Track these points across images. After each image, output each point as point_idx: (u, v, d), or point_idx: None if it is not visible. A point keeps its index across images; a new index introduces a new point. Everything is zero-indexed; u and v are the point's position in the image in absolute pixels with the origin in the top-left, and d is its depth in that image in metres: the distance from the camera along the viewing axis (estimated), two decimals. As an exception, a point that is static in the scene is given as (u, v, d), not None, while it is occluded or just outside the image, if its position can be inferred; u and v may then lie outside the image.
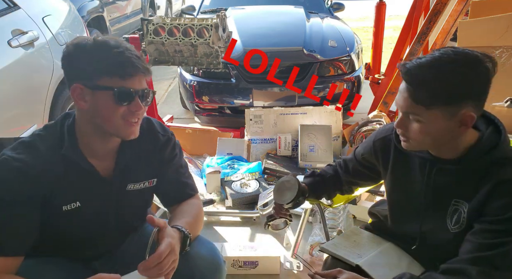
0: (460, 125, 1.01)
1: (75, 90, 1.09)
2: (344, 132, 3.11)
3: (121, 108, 1.09)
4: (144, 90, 1.12)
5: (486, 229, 1.02)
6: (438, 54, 1.01)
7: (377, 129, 1.33)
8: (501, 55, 2.27)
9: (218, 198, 2.60)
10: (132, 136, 1.15)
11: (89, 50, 1.07)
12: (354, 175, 1.43)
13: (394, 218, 1.32)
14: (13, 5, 2.44)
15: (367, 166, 1.37)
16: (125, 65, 1.06)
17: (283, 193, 1.28)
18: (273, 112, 3.10)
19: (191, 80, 3.42)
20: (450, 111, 0.99)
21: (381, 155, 1.28)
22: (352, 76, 3.45)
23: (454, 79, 0.97)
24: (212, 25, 2.35)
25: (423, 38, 2.75)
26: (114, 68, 1.06)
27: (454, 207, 1.11)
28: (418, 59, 1.03)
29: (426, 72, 0.99)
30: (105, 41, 1.09)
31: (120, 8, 5.91)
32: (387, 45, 5.21)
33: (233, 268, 1.99)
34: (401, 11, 7.00)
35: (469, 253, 1.03)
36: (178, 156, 1.35)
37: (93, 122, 1.12)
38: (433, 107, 0.99)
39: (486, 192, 1.03)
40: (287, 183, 1.30)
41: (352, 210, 2.37)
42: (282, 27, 3.83)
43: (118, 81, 1.06)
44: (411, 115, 1.04)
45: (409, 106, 1.03)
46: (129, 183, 1.25)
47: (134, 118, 1.12)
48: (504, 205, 1.00)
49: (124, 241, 1.35)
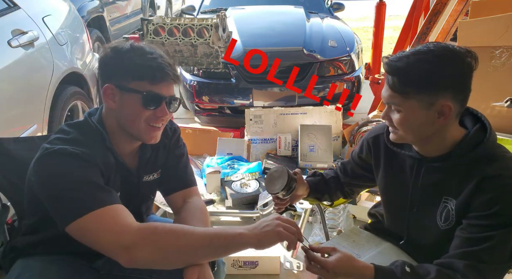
0: (439, 116, 1.03)
1: (106, 90, 1.13)
2: (344, 132, 3.11)
3: (147, 111, 1.12)
4: (172, 97, 1.16)
5: (473, 224, 1.04)
6: (419, 47, 1.05)
7: (371, 128, 1.35)
8: (501, 55, 2.27)
9: (218, 198, 2.60)
10: (153, 141, 1.18)
11: (124, 53, 1.11)
12: (352, 176, 1.44)
13: (388, 217, 1.34)
14: (13, 5, 2.43)
15: (363, 166, 1.39)
16: (156, 70, 1.10)
17: (273, 183, 1.29)
18: (273, 112, 3.10)
19: (191, 80, 3.43)
20: (427, 101, 1.02)
21: (373, 152, 1.31)
22: (352, 76, 3.45)
23: (427, 67, 1.00)
24: (212, 25, 2.35)
25: (423, 38, 2.75)
26: (146, 73, 1.10)
27: (444, 204, 1.13)
28: (401, 52, 1.06)
29: (403, 61, 1.03)
30: (140, 47, 1.13)
31: (120, 8, 5.91)
32: (387, 45, 5.21)
33: (233, 268, 1.99)
34: (401, 11, 7.00)
35: (457, 248, 1.05)
36: (181, 146, 1.38)
37: (119, 122, 1.16)
38: (410, 95, 1.02)
39: (471, 188, 1.05)
40: (275, 173, 1.31)
41: (352, 210, 2.37)
42: (282, 27, 3.83)
43: (147, 85, 1.10)
44: (392, 105, 1.08)
45: (389, 96, 1.07)
46: (145, 175, 1.29)
47: (158, 123, 1.16)
48: (488, 200, 1.01)
49: None
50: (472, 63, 1.02)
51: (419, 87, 1.01)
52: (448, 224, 1.11)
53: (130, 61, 1.10)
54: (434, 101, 1.02)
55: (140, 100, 1.10)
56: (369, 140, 1.32)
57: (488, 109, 2.27)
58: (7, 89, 2.14)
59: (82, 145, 1.10)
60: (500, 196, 1.01)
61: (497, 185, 1.01)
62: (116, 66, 1.12)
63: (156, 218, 1.48)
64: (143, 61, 1.10)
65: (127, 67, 1.10)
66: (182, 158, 1.38)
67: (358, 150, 1.39)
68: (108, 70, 1.14)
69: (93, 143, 1.13)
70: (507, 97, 2.23)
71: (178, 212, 1.33)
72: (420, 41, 2.76)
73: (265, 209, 2.40)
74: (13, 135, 2.04)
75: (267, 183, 1.33)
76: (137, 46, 1.13)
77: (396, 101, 1.05)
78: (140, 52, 1.12)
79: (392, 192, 1.27)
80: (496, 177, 1.02)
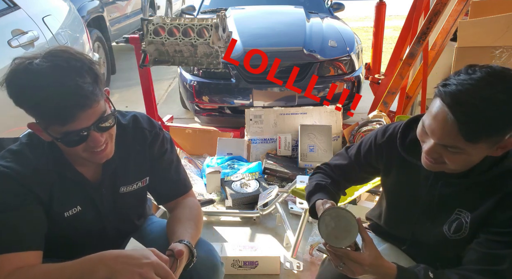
0: (497, 149, 0.95)
1: (32, 127, 1.04)
2: (344, 132, 3.10)
3: (78, 147, 1.03)
4: (97, 121, 1.01)
5: (493, 240, 1.01)
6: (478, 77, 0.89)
7: (377, 130, 1.27)
8: (501, 55, 2.27)
9: (218, 198, 2.60)
10: (104, 159, 1.10)
11: (21, 93, 0.96)
12: (355, 181, 1.36)
13: (389, 219, 1.31)
14: (13, 5, 2.44)
15: (368, 170, 1.31)
16: (59, 113, 0.94)
17: (338, 233, 1.03)
18: (273, 112, 3.10)
19: (191, 80, 3.42)
20: (494, 141, 0.92)
21: (385, 157, 1.23)
22: (352, 76, 3.45)
23: (506, 108, 0.87)
24: (212, 25, 2.35)
25: (423, 38, 2.75)
26: (50, 120, 0.97)
27: (456, 216, 1.10)
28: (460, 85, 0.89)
29: (477, 104, 0.86)
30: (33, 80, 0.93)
31: (120, 8, 5.91)
32: (387, 45, 5.21)
33: (233, 268, 1.99)
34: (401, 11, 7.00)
35: (476, 263, 1.02)
36: (168, 151, 1.30)
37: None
38: (480, 141, 0.90)
39: (493, 203, 1.01)
40: (343, 220, 1.04)
41: (352, 210, 2.36)
42: (282, 27, 3.83)
43: (60, 128, 0.97)
44: (450, 148, 0.94)
45: (453, 140, 0.92)
46: (121, 186, 1.24)
47: (98, 148, 1.05)
48: (511, 218, 0.99)
49: (123, 243, 1.35)
50: None
51: (496, 132, 0.90)
52: (459, 235, 1.08)
53: (30, 105, 0.96)
54: (502, 139, 0.92)
55: (63, 143, 1.01)
56: (382, 145, 1.22)
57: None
58: (7, 89, 2.14)
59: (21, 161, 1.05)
60: None
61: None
62: (23, 105, 0.97)
63: (155, 219, 1.48)
64: (40, 106, 0.94)
65: (32, 112, 0.98)
66: (171, 164, 1.31)
67: (365, 153, 1.27)
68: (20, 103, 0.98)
69: (35, 159, 1.07)
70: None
71: (171, 211, 1.33)
72: (420, 41, 2.76)
73: (265, 209, 2.40)
74: (13, 135, 2.03)
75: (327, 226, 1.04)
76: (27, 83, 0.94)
77: (460, 145, 0.92)
78: (31, 93, 0.93)
79: (401, 198, 1.23)
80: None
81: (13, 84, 0.96)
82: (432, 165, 1.02)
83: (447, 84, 0.91)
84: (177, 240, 1.13)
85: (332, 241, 1.03)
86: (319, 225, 1.04)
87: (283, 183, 2.75)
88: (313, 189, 1.27)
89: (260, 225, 2.43)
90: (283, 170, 2.78)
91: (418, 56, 2.86)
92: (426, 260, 1.19)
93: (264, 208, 2.40)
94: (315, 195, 1.25)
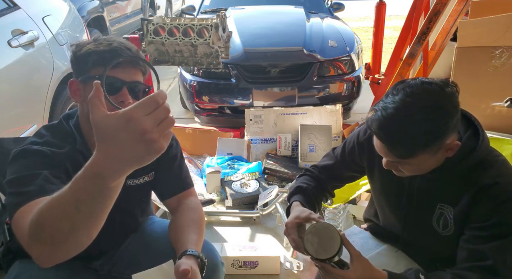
0: (447, 151, 1.02)
1: (71, 85, 1.14)
2: (344, 132, 3.10)
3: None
4: (134, 83, 1.11)
5: (476, 235, 1.03)
6: (399, 99, 0.97)
7: (359, 129, 1.30)
8: (501, 55, 2.26)
9: (218, 198, 2.60)
10: None
11: (84, 46, 1.12)
12: (341, 180, 1.39)
13: (384, 217, 1.33)
14: (13, 5, 2.43)
15: (353, 168, 1.34)
16: (111, 54, 1.08)
17: (324, 245, 1.04)
18: (273, 112, 3.10)
19: (191, 80, 3.42)
20: (435, 149, 1.00)
21: (367, 154, 1.27)
22: (352, 76, 3.45)
23: (428, 126, 0.95)
24: (212, 25, 2.35)
25: (423, 38, 2.75)
26: (102, 59, 1.09)
27: (439, 211, 1.11)
28: (383, 110, 0.98)
29: (397, 127, 0.97)
30: (99, 38, 1.13)
31: (120, 8, 5.91)
32: (387, 45, 5.21)
33: (233, 268, 1.99)
34: (401, 11, 7.00)
35: (466, 260, 1.03)
36: (173, 147, 1.35)
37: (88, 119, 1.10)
38: (416, 154, 0.99)
39: (469, 198, 1.04)
40: (323, 231, 1.06)
41: (352, 210, 2.37)
42: (282, 27, 3.83)
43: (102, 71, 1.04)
44: (397, 163, 1.06)
45: (393, 159, 1.04)
46: (128, 179, 1.25)
47: (126, 101, 1.09)
48: (488, 211, 1.01)
49: (125, 241, 1.35)
50: (453, 90, 0.98)
51: (427, 146, 0.98)
52: (448, 231, 1.10)
53: (89, 51, 1.10)
54: (442, 145, 0.99)
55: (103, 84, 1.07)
56: (363, 143, 1.27)
57: (488, 109, 2.26)
58: (7, 89, 2.14)
59: (51, 146, 1.10)
60: (500, 204, 0.99)
61: (495, 194, 1.00)
62: (77, 59, 1.12)
63: (156, 219, 1.48)
64: (99, 48, 1.10)
65: (85, 57, 1.10)
66: (175, 159, 1.34)
67: (349, 152, 1.32)
68: (73, 66, 1.15)
69: (63, 145, 1.12)
70: (507, 97, 2.23)
71: (173, 213, 1.33)
72: (420, 41, 2.76)
73: (265, 209, 2.40)
74: (13, 135, 2.04)
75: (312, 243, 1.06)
76: (96, 37, 1.14)
77: (402, 162, 1.03)
78: (98, 42, 1.12)
79: (389, 192, 1.26)
80: (492, 186, 1.01)
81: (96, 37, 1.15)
82: (395, 172, 1.10)
83: (375, 109, 1.01)
84: (182, 250, 1.13)
85: (322, 254, 1.05)
86: (305, 246, 1.07)
87: (283, 183, 2.75)
88: (293, 191, 1.34)
89: (260, 225, 2.43)
90: (283, 170, 2.78)
91: (418, 56, 2.86)
92: (425, 260, 1.20)
93: (264, 208, 2.40)
94: (293, 196, 1.31)
